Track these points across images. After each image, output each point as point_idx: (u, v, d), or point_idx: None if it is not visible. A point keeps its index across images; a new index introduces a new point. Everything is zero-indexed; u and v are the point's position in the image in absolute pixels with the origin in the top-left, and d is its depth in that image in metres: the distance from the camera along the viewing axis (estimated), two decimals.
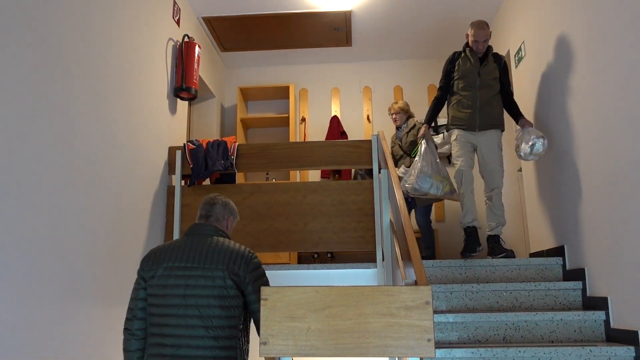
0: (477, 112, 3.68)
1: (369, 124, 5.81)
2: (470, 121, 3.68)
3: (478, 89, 3.69)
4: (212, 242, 2.04)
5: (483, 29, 3.70)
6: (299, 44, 5.55)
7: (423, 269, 2.06)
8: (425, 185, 3.63)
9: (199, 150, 3.81)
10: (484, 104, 3.68)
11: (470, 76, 3.72)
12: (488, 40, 3.72)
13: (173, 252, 2.02)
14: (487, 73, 3.71)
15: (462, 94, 3.74)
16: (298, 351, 1.55)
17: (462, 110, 3.73)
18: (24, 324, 2.27)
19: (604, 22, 2.92)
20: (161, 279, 1.96)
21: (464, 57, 3.80)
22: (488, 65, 3.73)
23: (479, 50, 3.72)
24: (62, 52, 2.62)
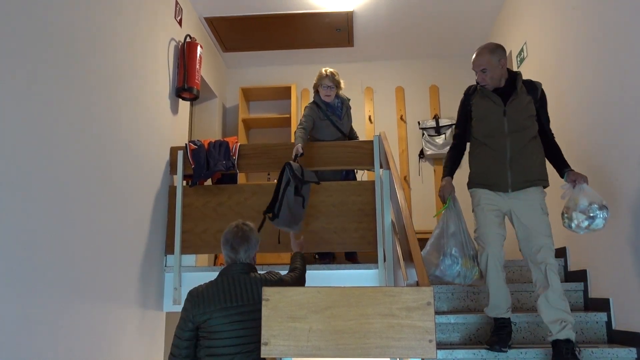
0: (507, 166, 2.68)
1: (371, 124, 5.81)
2: (499, 179, 2.70)
3: (508, 134, 2.69)
4: (248, 280, 2.27)
5: (479, 56, 2.77)
6: (301, 45, 5.55)
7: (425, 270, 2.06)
8: (451, 273, 2.72)
9: (201, 150, 3.81)
10: (517, 153, 2.68)
11: (493, 118, 2.75)
12: (492, 72, 2.75)
13: (221, 294, 2.22)
14: (517, 111, 2.72)
15: (485, 142, 2.77)
16: (299, 352, 1.55)
17: (487, 163, 2.75)
18: (24, 323, 2.27)
19: (606, 22, 2.91)
20: (218, 320, 2.18)
21: (481, 93, 2.84)
22: (518, 99, 2.73)
23: (484, 85, 2.80)
24: (64, 52, 2.62)
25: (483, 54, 2.76)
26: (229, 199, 3.81)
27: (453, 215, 2.80)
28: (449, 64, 5.89)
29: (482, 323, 2.94)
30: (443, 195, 2.84)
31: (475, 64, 2.78)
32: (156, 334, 3.63)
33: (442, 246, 2.73)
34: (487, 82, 2.78)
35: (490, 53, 2.75)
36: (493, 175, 2.73)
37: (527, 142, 2.70)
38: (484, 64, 2.75)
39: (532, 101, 2.75)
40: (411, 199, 5.61)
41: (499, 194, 2.72)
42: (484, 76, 2.77)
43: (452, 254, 2.70)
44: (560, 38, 3.56)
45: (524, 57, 4.31)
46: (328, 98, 3.92)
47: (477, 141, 2.83)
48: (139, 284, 3.35)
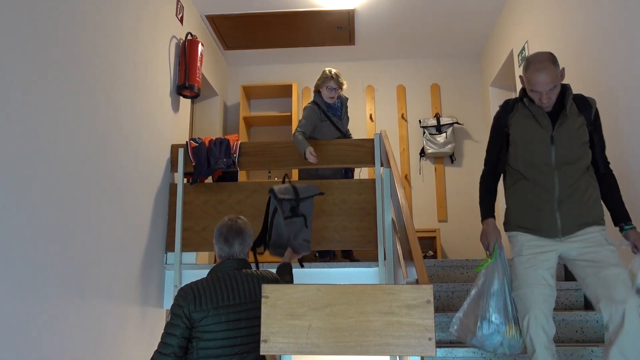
0: (556, 207, 2.18)
1: (372, 122, 5.81)
2: (545, 222, 2.20)
3: (556, 167, 2.19)
4: (244, 276, 2.15)
5: (546, 71, 2.14)
6: (302, 43, 5.54)
7: (424, 267, 2.06)
8: (491, 343, 2.24)
9: (202, 148, 3.81)
10: (567, 191, 2.18)
11: (538, 145, 2.22)
12: (558, 87, 2.19)
13: (218, 291, 2.08)
14: (568, 137, 2.20)
15: (526, 174, 2.26)
16: (299, 349, 1.55)
17: (529, 202, 2.25)
18: (25, 321, 2.27)
19: (607, 20, 2.91)
20: (213, 319, 2.03)
21: (522, 111, 2.29)
22: (568, 121, 2.21)
23: (544, 106, 2.22)
24: (65, 50, 2.63)
25: (549, 68, 2.13)
26: (230, 196, 3.81)
27: (497, 269, 2.25)
28: (450, 62, 5.89)
29: None
30: (487, 244, 2.30)
31: (541, 82, 2.14)
32: (157, 331, 3.64)
33: (480, 309, 2.22)
34: (552, 102, 2.20)
35: (554, 64, 2.15)
36: (537, 217, 2.21)
37: (580, 177, 2.18)
38: (556, 80, 2.14)
39: (585, 123, 2.21)
40: (412, 197, 5.61)
41: (546, 239, 2.20)
42: (551, 95, 2.17)
43: (491, 321, 2.20)
44: (562, 36, 3.56)
45: (525, 55, 4.30)
46: (331, 100, 3.92)
47: (515, 172, 2.30)
48: (139, 281, 3.36)
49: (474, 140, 5.67)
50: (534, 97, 2.20)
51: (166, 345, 2.01)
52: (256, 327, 2.06)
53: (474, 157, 5.63)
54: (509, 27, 4.75)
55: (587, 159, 2.22)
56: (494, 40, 5.24)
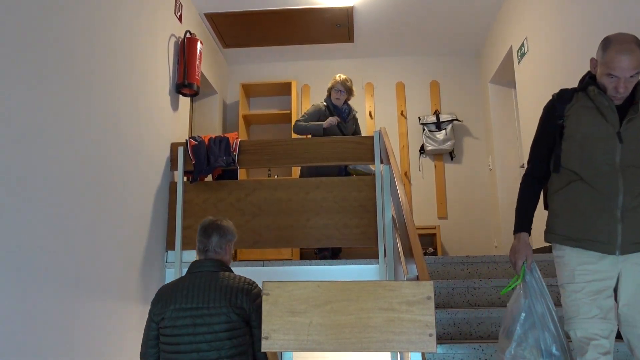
0: (618, 217, 1.86)
1: (371, 120, 5.81)
2: (603, 234, 1.87)
3: (620, 169, 1.88)
4: (213, 279, 2.10)
5: (631, 54, 1.83)
6: (301, 40, 5.54)
7: (425, 264, 2.07)
8: None
9: (201, 146, 3.82)
10: (634, 199, 1.86)
11: (601, 142, 1.91)
12: (638, 76, 1.89)
13: (178, 293, 2.08)
14: (636, 134, 1.90)
15: (583, 175, 1.93)
16: (300, 346, 1.55)
17: (583, 208, 1.92)
18: (26, 319, 2.27)
19: (606, 16, 2.91)
20: (170, 320, 2.05)
21: (584, 101, 1.98)
22: (639, 118, 1.91)
23: (617, 97, 1.90)
24: (64, 49, 2.62)
25: (635, 52, 1.82)
26: (230, 195, 3.81)
27: (531, 293, 1.92)
28: (449, 59, 5.88)
29: (482, 318, 2.94)
30: (515, 262, 1.98)
31: (624, 67, 1.82)
32: None
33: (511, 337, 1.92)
34: (627, 93, 1.89)
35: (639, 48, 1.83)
36: (592, 226, 1.87)
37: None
38: (638, 65, 1.83)
39: None
40: (412, 194, 5.61)
41: (602, 255, 1.86)
42: (628, 85, 1.87)
43: (553, 353, 1.87)
44: (561, 32, 3.56)
45: (525, 52, 4.30)
46: (338, 101, 4.33)
47: (568, 172, 1.96)
48: (140, 279, 3.36)
49: (473, 137, 5.67)
50: (608, 85, 1.87)
51: (143, 346, 2.13)
52: (218, 335, 2.01)
53: (474, 154, 5.63)
54: (508, 23, 4.74)
55: None
56: (493, 37, 5.24)
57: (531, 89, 4.11)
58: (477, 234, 5.45)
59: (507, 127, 5.26)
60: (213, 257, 2.21)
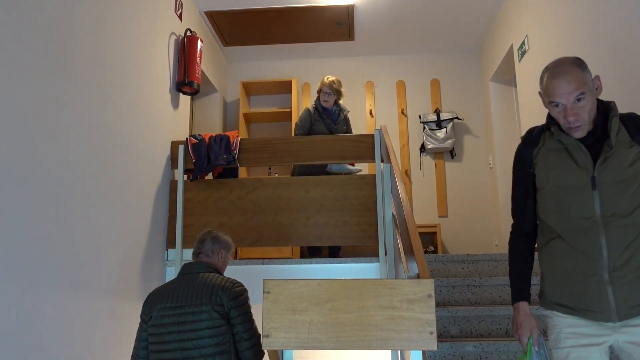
0: (607, 280, 1.61)
1: (372, 118, 5.81)
2: (592, 300, 1.63)
3: (602, 222, 1.62)
4: (198, 279, 2.18)
5: (566, 74, 1.61)
6: (302, 39, 5.53)
7: (425, 262, 2.06)
8: None
9: (202, 144, 3.81)
10: (622, 254, 1.60)
11: (573, 190, 1.66)
12: (590, 100, 1.63)
13: (165, 293, 2.18)
14: (618, 179, 1.62)
15: (561, 233, 1.69)
16: (300, 344, 1.55)
17: (568, 270, 1.68)
18: (26, 318, 2.27)
19: (607, 15, 2.90)
20: (156, 319, 2.13)
21: (553, 143, 1.73)
22: (618, 154, 1.64)
23: (572, 129, 1.65)
24: (64, 47, 2.62)
25: (571, 70, 1.61)
26: (230, 193, 3.81)
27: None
28: (450, 57, 5.88)
29: (482, 316, 2.94)
30: (519, 338, 1.74)
31: (561, 89, 1.60)
32: None
33: None
34: (584, 122, 1.62)
35: (579, 67, 1.62)
36: (580, 293, 1.63)
37: (639, 234, 1.59)
38: (583, 86, 1.60)
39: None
40: (412, 193, 5.61)
41: (594, 323, 1.62)
42: (579, 111, 1.60)
43: None
44: (562, 31, 3.55)
45: (525, 50, 4.29)
46: (326, 104, 4.37)
47: (547, 228, 1.73)
48: (140, 278, 3.36)
49: (474, 136, 5.67)
50: (558, 117, 1.64)
51: (134, 348, 2.21)
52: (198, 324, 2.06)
53: (475, 153, 5.63)
54: (508, 21, 4.74)
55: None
56: (493, 35, 5.23)
57: (532, 87, 4.11)
58: (478, 232, 5.45)
59: (507, 125, 5.25)
60: (203, 260, 2.32)
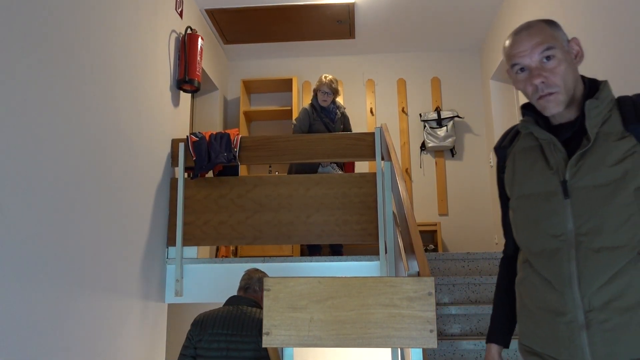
0: (581, 321, 1.18)
1: (372, 116, 5.81)
2: (565, 350, 1.20)
3: (575, 242, 1.20)
4: (248, 312, 2.57)
5: (529, 30, 1.29)
6: (302, 37, 5.53)
7: (426, 260, 2.07)
8: None
9: (202, 142, 3.81)
10: (602, 290, 1.16)
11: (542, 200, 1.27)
12: (563, 60, 1.25)
13: (217, 321, 2.55)
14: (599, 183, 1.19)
15: (530, 258, 1.32)
16: (300, 341, 1.55)
17: (536, 310, 1.28)
18: (27, 316, 2.28)
19: (608, 15, 2.90)
20: (206, 343, 2.49)
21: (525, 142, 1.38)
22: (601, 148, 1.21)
23: (544, 101, 1.25)
24: (64, 45, 2.62)
25: (536, 26, 1.28)
26: (231, 191, 3.81)
27: None
28: (450, 55, 5.87)
29: (482, 315, 2.94)
30: None
31: (522, 45, 1.27)
32: (158, 325, 3.65)
33: None
34: (557, 89, 1.24)
35: (548, 24, 1.29)
36: (549, 336, 1.24)
37: (631, 263, 1.15)
38: (549, 39, 1.25)
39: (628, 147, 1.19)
40: (412, 191, 5.61)
41: None
42: (549, 73, 1.24)
43: None
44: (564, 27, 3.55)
45: None
46: (324, 103, 4.38)
47: (522, 254, 1.37)
48: (141, 276, 3.36)
49: (474, 134, 5.67)
50: (525, 87, 1.28)
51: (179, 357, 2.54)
52: (246, 352, 2.43)
53: (475, 151, 5.62)
54: (509, 19, 4.73)
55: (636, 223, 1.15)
56: (494, 33, 5.23)
57: None
58: (478, 231, 5.45)
59: (508, 123, 5.25)
60: (251, 295, 2.70)
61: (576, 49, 1.31)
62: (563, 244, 1.21)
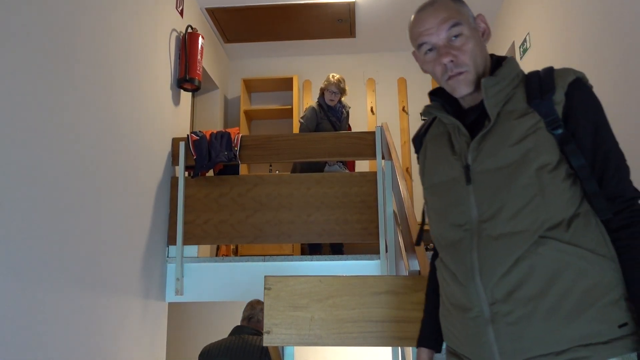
0: (486, 315, 1.07)
1: (373, 115, 5.80)
2: (472, 347, 1.11)
3: (477, 231, 1.10)
4: (249, 340, 2.78)
5: (433, 6, 1.25)
6: (303, 36, 5.53)
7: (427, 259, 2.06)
8: None
9: (203, 141, 3.81)
10: (506, 279, 1.05)
11: (447, 188, 1.19)
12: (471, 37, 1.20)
13: (221, 350, 2.77)
14: (501, 164, 1.09)
15: (439, 248, 1.23)
16: (301, 340, 1.55)
17: (448, 306, 1.20)
18: (27, 314, 2.28)
19: (609, 12, 2.89)
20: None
21: (436, 129, 1.30)
22: (504, 127, 1.11)
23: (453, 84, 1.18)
24: (65, 43, 2.62)
25: (440, 1, 1.25)
26: (231, 190, 3.81)
27: None
28: None
29: None
30: None
31: (428, 24, 1.21)
32: (159, 324, 3.65)
33: None
34: (467, 67, 1.16)
35: (454, 1, 1.26)
36: (460, 335, 1.15)
37: (537, 246, 1.05)
38: (455, 15, 1.21)
39: (544, 124, 1.09)
40: (413, 190, 5.61)
41: None
42: (458, 51, 1.17)
43: None
44: (564, 28, 3.54)
45: (527, 47, 4.29)
46: (332, 102, 4.40)
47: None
48: (141, 274, 3.37)
49: None
50: (434, 71, 1.20)
51: None
52: None
53: None
54: (510, 19, 4.73)
55: (551, 204, 1.06)
56: (495, 32, 5.22)
57: None
58: None
59: None
60: (254, 325, 2.92)
61: (483, 26, 1.26)
62: (466, 234, 1.12)
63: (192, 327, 5.32)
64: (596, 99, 1.15)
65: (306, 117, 4.38)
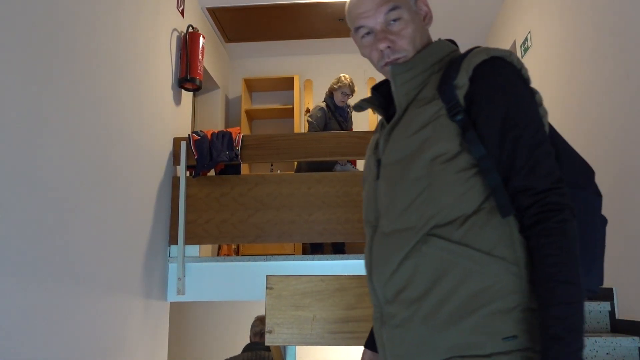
0: (382, 313, 1.04)
1: (374, 114, 5.80)
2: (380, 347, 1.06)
3: (375, 230, 1.07)
4: (265, 356, 2.97)
5: None
6: (304, 35, 5.53)
7: None
8: None
9: (204, 141, 3.81)
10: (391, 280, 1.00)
11: (366, 186, 1.16)
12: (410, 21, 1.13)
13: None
14: (400, 157, 1.02)
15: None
16: (303, 339, 1.55)
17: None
18: (29, 314, 2.28)
19: (610, 11, 2.89)
20: None
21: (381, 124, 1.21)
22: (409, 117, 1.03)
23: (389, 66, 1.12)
24: (65, 43, 2.62)
25: None
26: (232, 189, 3.81)
27: None
28: None
29: None
30: None
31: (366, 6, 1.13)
32: (160, 323, 3.65)
33: None
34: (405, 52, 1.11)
35: None
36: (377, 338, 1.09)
37: (415, 245, 0.98)
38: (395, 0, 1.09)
39: (445, 110, 0.99)
40: None
41: None
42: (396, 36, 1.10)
43: None
44: (565, 27, 3.54)
45: (528, 46, 4.28)
46: (342, 103, 4.50)
47: None
48: (143, 274, 3.37)
49: None
50: (371, 56, 1.16)
51: None
52: None
53: None
54: (511, 18, 4.73)
55: (440, 199, 0.97)
56: (496, 32, 5.22)
57: (535, 84, 4.09)
58: None
59: None
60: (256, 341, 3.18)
61: (424, 9, 1.17)
62: (371, 230, 1.08)
63: (194, 327, 5.32)
64: (510, 79, 0.98)
65: (315, 116, 4.42)
